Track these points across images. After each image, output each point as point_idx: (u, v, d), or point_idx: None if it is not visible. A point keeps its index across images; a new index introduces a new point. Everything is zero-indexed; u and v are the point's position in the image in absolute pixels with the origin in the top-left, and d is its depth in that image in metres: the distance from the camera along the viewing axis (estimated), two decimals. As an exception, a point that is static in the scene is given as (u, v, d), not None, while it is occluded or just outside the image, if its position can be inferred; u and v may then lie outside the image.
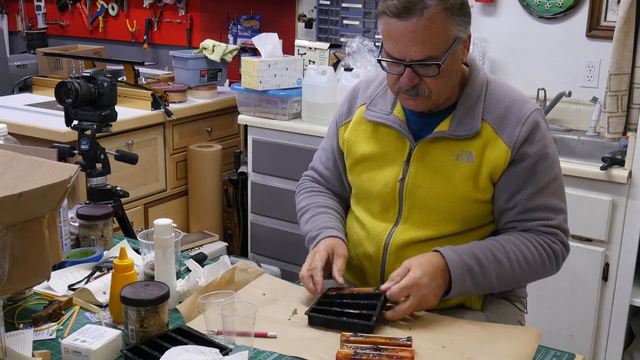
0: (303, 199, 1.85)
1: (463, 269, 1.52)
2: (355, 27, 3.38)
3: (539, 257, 1.58)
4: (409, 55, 1.49)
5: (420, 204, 1.62)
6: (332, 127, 1.83)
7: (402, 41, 1.48)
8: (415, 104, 1.57)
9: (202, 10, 4.04)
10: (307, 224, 1.76)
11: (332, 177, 1.85)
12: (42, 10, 4.64)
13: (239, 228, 3.54)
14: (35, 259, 1.32)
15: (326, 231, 1.68)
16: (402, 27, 1.47)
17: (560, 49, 3.00)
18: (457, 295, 1.54)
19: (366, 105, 1.72)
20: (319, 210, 1.77)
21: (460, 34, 1.52)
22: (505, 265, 1.55)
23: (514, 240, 1.58)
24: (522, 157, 1.57)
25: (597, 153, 2.72)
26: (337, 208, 1.80)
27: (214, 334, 1.39)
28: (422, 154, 1.61)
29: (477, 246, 1.57)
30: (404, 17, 1.46)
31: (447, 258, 1.52)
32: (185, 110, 3.32)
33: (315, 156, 1.92)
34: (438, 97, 1.56)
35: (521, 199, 1.58)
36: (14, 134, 1.83)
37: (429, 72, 1.51)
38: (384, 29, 1.52)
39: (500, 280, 1.57)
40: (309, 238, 1.72)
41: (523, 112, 1.58)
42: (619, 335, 2.53)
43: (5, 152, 1.44)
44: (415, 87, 1.53)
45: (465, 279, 1.52)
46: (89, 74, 2.30)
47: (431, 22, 1.46)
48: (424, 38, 1.47)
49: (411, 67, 1.50)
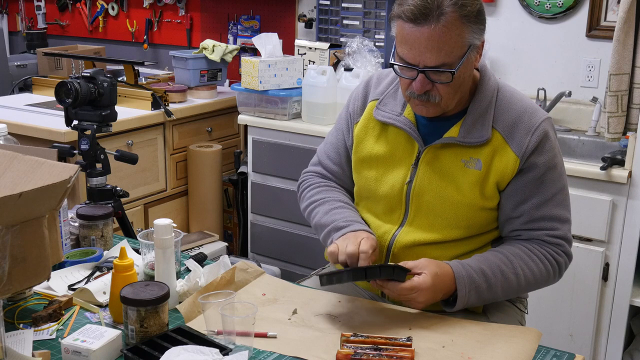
0: (315, 193, 1.78)
1: (470, 287, 1.52)
2: (355, 27, 3.38)
3: (545, 270, 1.59)
4: (423, 61, 1.48)
5: (426, 207, 1.62)
6: (343, 122, 1.79)
7: (417, 47, 1.47)
8: (427, 110, 1.56)
9: (202, 10, 4.04)
10: (326, 215, 1.69)
11: (343, 174, 1.80)
12: (42, 10, 4.64)
13: (239, 228, 3.54)
14: (35, 259, 1.32)
15: (357, 224, 1.63)
16: (417, 32, 1.45)
17: (560, 49, 3.00)
18: (459, 309, 1.55)
19: (377, 103, 1.70)
20: (339, 204, 1.71)
21: (475, 41, 1.51)
22: (512, 281, 1.56)
23: (521, 254, 1.58)
24: (531, 167, 1.56)
25: (597, 153, 2.72)
26: (354, 206, 1.76)
27: (214, 334, 1.39)
28: (431, 159, 1.61)
29: (486, 262, 1.56)
30: (420, 23, 1.44)
31: (456, 275, 1.52)
32: (185, 110, 3.32)
33: (320, 151, 1.86)
34: (448, 104, 1.56)
35: (528, 209, 1.58)
36: (14, 134, 1.83)
37: (442, 78, 1.50)
38: (399, 33, 1.50)
39: (505, 293, 1.58)
40: (335, 227, 1.65)
41: (533, 121, 1.57)
42: (619, 335, 2.53)
43: (5, 152, 1.44)
44: (427, 92, 1.52)
45: (471, 296, 1.53)
46: (89, 74, 2.30)
47: (447, 29, 1.44)
48: (439, 45, 1.45)
49: (424, 73, 1.49)
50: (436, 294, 1.51)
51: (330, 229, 1.66)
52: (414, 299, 1.49)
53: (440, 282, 1.50)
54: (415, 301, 1.49)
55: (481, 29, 1.52)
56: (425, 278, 1.48)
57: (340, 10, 3.40)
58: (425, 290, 1.48)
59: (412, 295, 1.48)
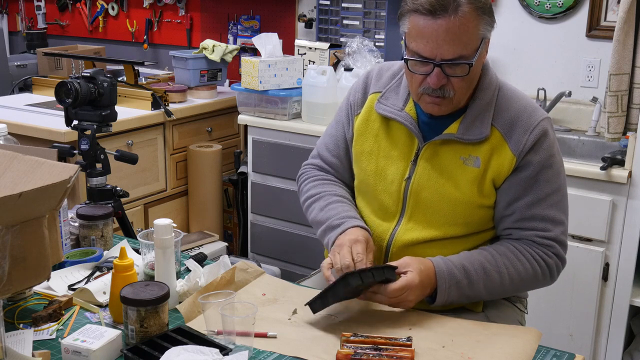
0: (312, 187, 1.78)
1: (450, 282, 1.52)
2: (355, 27, 3.38)
3: (532, 270, 1.58)
4: (441, 54, 1.47)
5: (424, 204, 1.62)
6: (343, 114, 1.79)
7: (435, 39, 1.46)
8: (439, 108, 1.56)
9: (202, 10, 4.04)
10: (322, 211, 1.70)
11: (342, 167, 1.80)
12: (42, 10, 4.64)
13: (239, 228, 3.54)
14: (35, 259, 1.32)
15: (352, 220, 1.63)
16: (435, 25, 1.45)
17: (560, 49, 3.00)
18: (441, 305, 1.55)
19: (378, 95, 1.70)
20: (335, 199, 1.71)
21: (487, 34, 1.52)
22: (494, 278, 1.55)
23: (507, 252, 1.57)
24: (526, 165, 1.56)
25: (597, 153, 2.72)
26: (351, 199, 1.75)
27: (214, 334, 1.39)
28: (430, 155, 1.61)
29: (468, 259, 1.56)
30: (439, 15, 1.45)
31: (437, 270, 1.52)
32: (185, 110, 3.32)
33: (319, 143, 1.86)
34: (460, 99, 1.56)
35: (520, 207, 1.58)
36: (14, 134, 1.83)
37: (458, 71, 1.50)
38: (413, 28, 1.49)
39: (488, 292, 1.57)
40: (329, 226, 1.65)
41: (532, 120, 1.57)
42: (619, 335, 2.53)
43: (5, 152, 1.44)
44: (442, 87, 1.52)
45: (451, 292, 1.53)
46: (89, 74, 2.30)
47: (465, 20, 1.45)
48: (457, 36, 1.46)
49: (440, 67, 1.49)
50: (424, 290, 1.51)
51: (326, 227, 1.66)
52: (405, 298, 1.48)
53: (426, 277, 1.51)
54: (406, 300, 1.48)
55: (493, 22, 1.52)
56: (413, 275, 1.48)
57: (340, 10, 3.40)
58: (415, 288, 1.48)
59: (403, 295, 1.47)
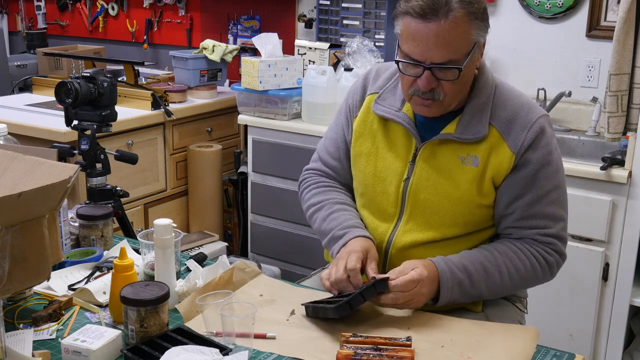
0: (313, 195, 1.78)
1: (453, 281, 1.52)
2: (355, 27, 3.38)
3: (532, 269, 1.58)
4: (430, 57, 1.47)
5: (422, 205, 1.62)
6: (342, 116, 1.78)
7: (425, 43, 1.46)
8: (429, 110, 1.56)
9: (202, 10, 4.04)
10: (324, 221, 1.70)
11: (343, 170, 1.79)
12: (42, 10, 4.64)
13: (239, 228, 3.54)
14: (35, 259, 1.32)
15: (354, 230, 1.63)
16: (425, 28, 1.45)
17: (560, 49, 3.00)
18: (444, 304, 1.54)
19: (375, 96, 1.70)
20: (337, 207, 1.71)
21: (480, 39, 1.51)
22: (495, 277, 1.55)
23: (507, 251, 1.57)
24: (525, 164, 1.56)
25: (597, 153, 2.72)
26: (353, 205, 1.75)
27: (213, 335, 1.39)
28: (428, 155, 1.61)
29: (469, 258, 1.56)
30: (429, 19, 1.44)
31: (439, 270, 1.52)
32: (185, 110, 3.32)
33: (320, 146, 1.85)
34: (450, 102, 1.55)
35: (520, 206, 1.58)
36: (14, 134, 1.83)
37: (448, 75, 1.49)
38: (405, 30, 1.50)
39: (489, 290, 1.57)
40: (333, 237, 1.65)
41: (529, 117, 1.57)
42: (619, 335, 2.53)
43: (5, 152, 1.44)
44: (432, 90, 1.52)
45: (454, 291, 1.53)
46: (89, 74, 2.30)
47: (456, 25, 1.45)
48: (447, 41, 1.45)
49: (430, 70, 1.49)
50: (433, 286, 1.51)
51: (330, 239, 1.67)
52: (418, 292, 1.47)
53: (431, 272, 1.51)
54: (419, 294, 1.47)
55: (486, 27, 1.52)
56: (421, 270, 1.48)
57: (340, 10, 3.40)
58: (427, 279, 1.48)
59: (415, 289, 1.46)
